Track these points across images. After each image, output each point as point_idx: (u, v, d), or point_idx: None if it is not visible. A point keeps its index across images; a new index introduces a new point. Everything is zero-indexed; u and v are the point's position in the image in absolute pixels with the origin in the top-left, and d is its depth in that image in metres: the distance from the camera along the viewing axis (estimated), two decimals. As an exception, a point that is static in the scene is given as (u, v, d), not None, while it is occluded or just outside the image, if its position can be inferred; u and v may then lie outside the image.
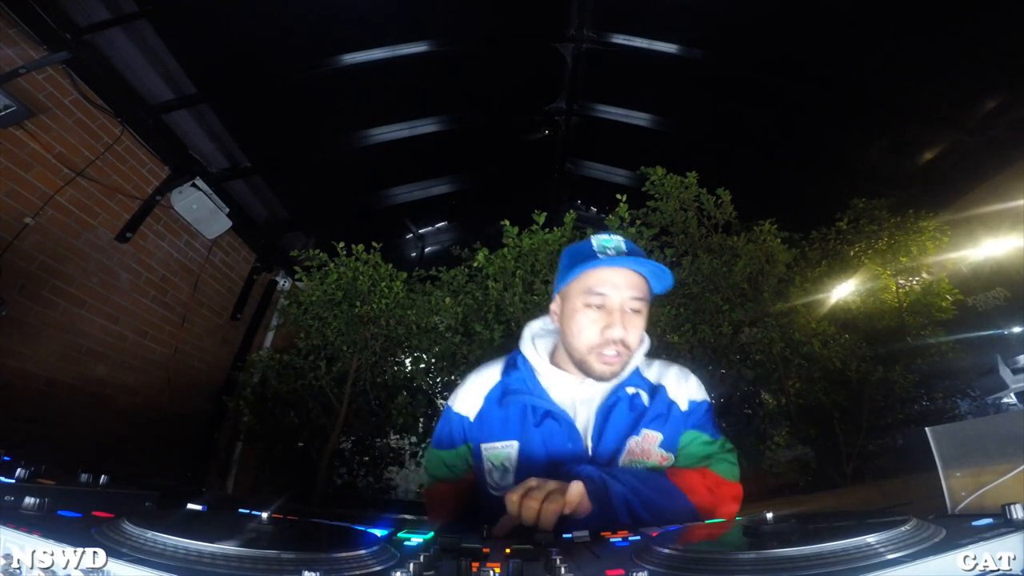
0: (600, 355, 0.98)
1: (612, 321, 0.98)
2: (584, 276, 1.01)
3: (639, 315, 1.01)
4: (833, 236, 3.71)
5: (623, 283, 0.99)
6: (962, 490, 0.86)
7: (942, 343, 3.38)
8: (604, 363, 0.99)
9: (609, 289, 0.99)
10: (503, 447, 1.02)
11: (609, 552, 0.62)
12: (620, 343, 0.98)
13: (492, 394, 1.09)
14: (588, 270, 1.00)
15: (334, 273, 3.44)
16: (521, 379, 1.07)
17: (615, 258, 0.99)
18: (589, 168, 4.60)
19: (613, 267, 0.99)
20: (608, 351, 0.98)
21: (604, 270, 1.00)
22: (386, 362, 3.71)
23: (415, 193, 4.54)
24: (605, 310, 0.99)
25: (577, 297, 1.01)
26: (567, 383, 1.04)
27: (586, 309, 1.00)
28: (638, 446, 0.99)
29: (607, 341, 0.98)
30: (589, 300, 0.99)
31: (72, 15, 2.57)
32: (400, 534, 0.70)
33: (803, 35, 3.15)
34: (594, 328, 0.99)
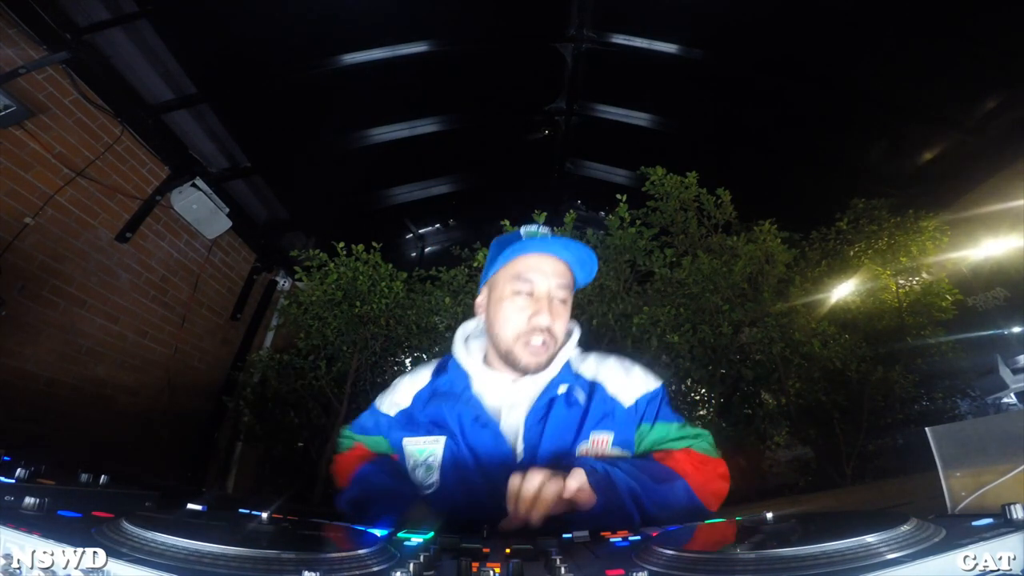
0: (527, 344, 0.96)
1: (540, 308, 0.97)
2: (512, 263, 1.00)
3: (565, 305, 1.00)
4: (833, 236, 3.71)
5: (550, 271, 0.99)
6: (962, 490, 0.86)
7: (942, 343, 3.38)
8: (531, 353, 0.97)
9: (537, 276, 0.98)
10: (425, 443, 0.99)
11: (609, 552, 0.62)
12: (547, 331, 0.97)
13: (420, 395, 1.06)
14: (516, 257, 1.00)
15: (334, 273, 3.44)
16: (449, 381, 1.04)
17: (542, 241, 0.99)
18: (589, 168, 4.60)
19: (541, 253, 0.99)
20: (535, 339, 0.96)
21: (532, 256, 0.99)
22: (386, 362, 3.71)
23: (415, 193, 4.54)
24: (533, 297, 0.98)
25: (505, 284, 1.00)
26: (499, 384, 1.01)
27: (514, 296, 0.98)
28: (591, 452, 0.95)
29: (534, 329, 0.96)
30: (517, 287, 0.98)
31: (72, 15, 2.57)
32: (400, 534, 0.70)
33: (803, 35, 3.15)
34: (521, 316, 0.97)
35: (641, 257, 3.36)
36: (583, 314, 3.35)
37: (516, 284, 0.98)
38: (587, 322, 3.32)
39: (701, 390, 3.54)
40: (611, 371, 1.04)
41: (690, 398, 3.53)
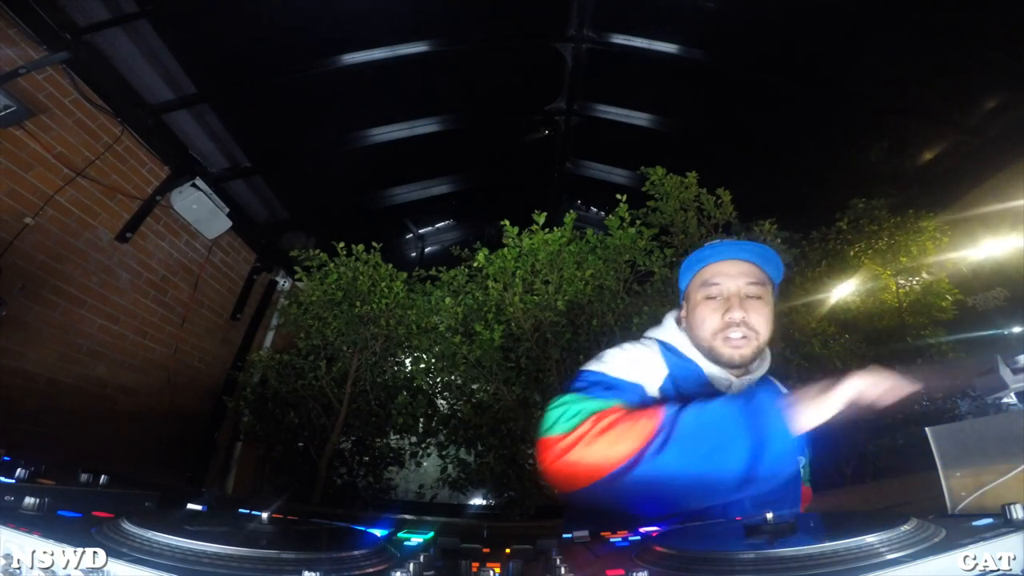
0: (726, 338, 1.01)
1: (731, 305, 1.02)
2: (699, 273, 1.09)
3: (759, 300, 1.04)
4: (833, 236, 3.70)
5: (736, 272, 1.05)
6: (962, 490, 0.86)
7: (942, 343, 3.38)
8: (731, 346, 1.01)
9: (722, 279, 1.05)
10: None
11: (609, 552, 0.62)
12: (743, 324, 1.01)
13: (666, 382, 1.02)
14: (702, 267, 1.08)
15: (334, 273, 3.44)
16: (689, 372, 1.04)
17: (724, 250, 1.07)
18: (589, 168, 4.60)
19: (724, 260, 1.07)
20: (733, 333, 1.01)
21: (716, 264, 1.07)
22: (386, 362, 3.71)
23: (415, 193, 4.54)
24: (722, 298, 1.04)
25: (696, 292, 1.08)
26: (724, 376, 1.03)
27: (706, 301, 1.05)
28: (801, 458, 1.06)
29: (728, 324, 1.01)
30: (707, 292, 1.05)
31: (72, 15, 2.57)
32: (400, 534, 0.70)
33: (803, 35, 3.15)
34: (715, 315, 1.03)
35: (641, 257, 3.36)
36: (583, 314, 3.35)
37: (706, 290, 1.06)
38: (587, 322, 3.33)
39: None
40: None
41: (690, 398, 3.53)
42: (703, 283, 1.07)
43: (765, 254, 1.07)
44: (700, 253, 1.10)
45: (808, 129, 3.73)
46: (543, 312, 3.27)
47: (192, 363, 3.80)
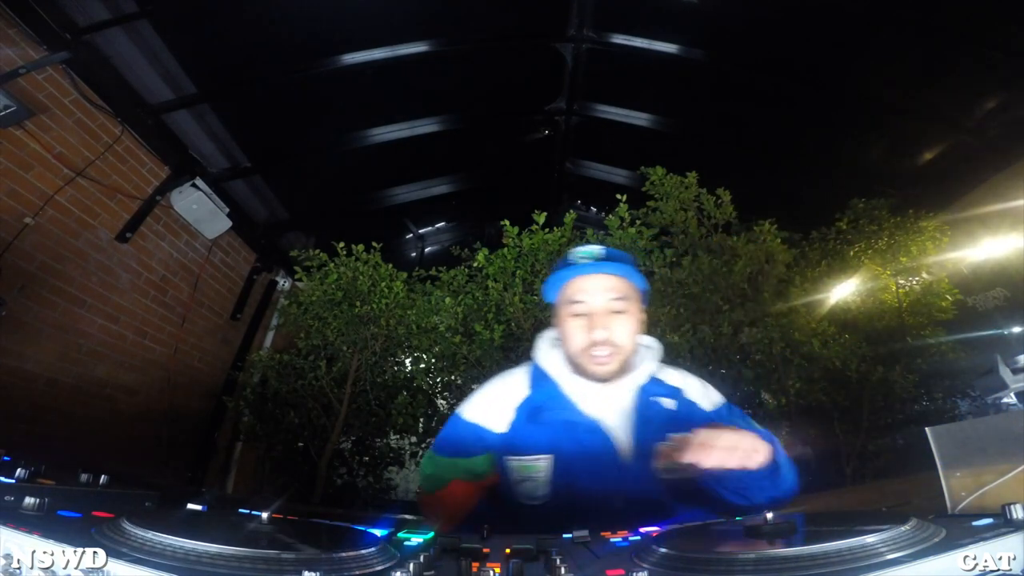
0: (591, 356, 1.03)
1: (594, 324, 1.03)
2: (564, 288, 1.08)
3: (623, 315, 1.05)
4: (833, 236, 3.71)
5: (599, 287, 1.04)
6: (962, 490, 0.86)
7: (942, 343, 3.38)
8: (596, 364, 1.03)
9: (586, 296, 1.04)
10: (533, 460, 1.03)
11: (609, 552, 0.62)
12: (606, 343, 1.02)
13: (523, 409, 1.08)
14: (566, 282, 1.07)
15: (334, 273, 3.44)
16: (550, 395, 1.08)
17: (587, 265, 1.05)
18: (589, 168, 4.60)
19: (587, 274, 1.06)
20: (597, 352, 1.02)
21: (579, 279, 1.06)
22: (386, 362, 3.71)
23: (415, 193, 4.54)
24: (587, 316, 1.04)
25: (562, 308, 1.08)
26: (592, 391, 1.06)
27: (572, 318, 1.05)
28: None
29: (593, 343, 1.02)
30: (571, 309, 1.05)
31: (72, 15, 2.57)
32: (400, 534, 0.70)
33: (803, 35, 3.15)
34: (580, 333, 1.04)
35: (641, 257, 3.36)
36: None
37: (570, 307, 1.06)
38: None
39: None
40: (690, 381, 1.13)
41: (690, 398, 3.53)
42: (568, 300, 1.06)
43: (627, 266, 1.06)
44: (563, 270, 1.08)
45: (808, 129, 3.72)
46: (543, 312, 3.27)
47: (192, 363, 3.80)
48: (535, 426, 1.05)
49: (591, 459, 1.00)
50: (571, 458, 1.01)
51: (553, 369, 1.10)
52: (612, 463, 1.00)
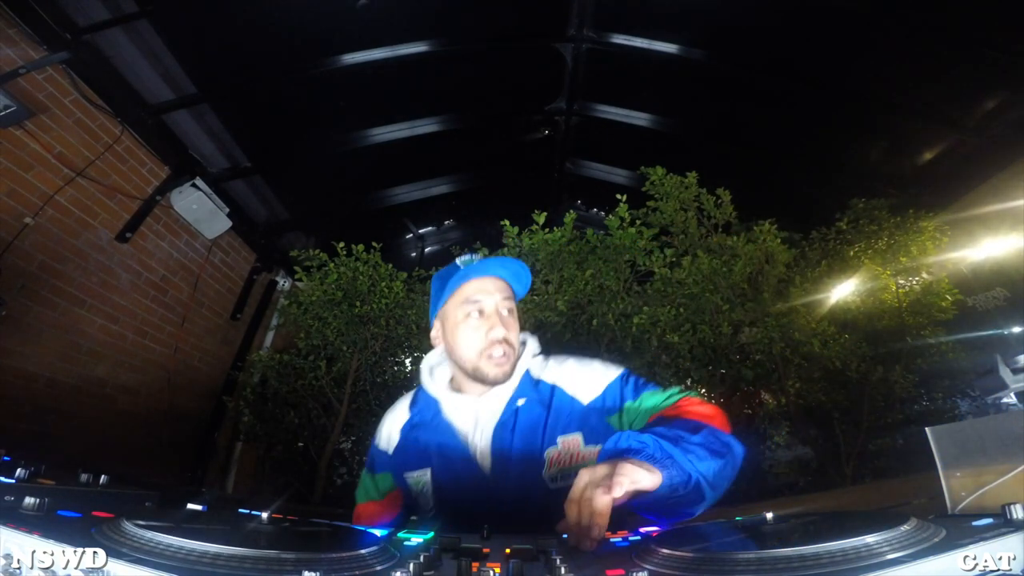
0: (490, 357, 1.04)
1: (493, 323, 1.05)
2: (458, 291, 1.08)
3: (512, 315, 1.09)
4: (833, 236, 3.71)
5: (493, 288, 1.07)
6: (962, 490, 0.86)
7: (942, 343, 3.38)
8: (495, 365, 1.04)
9: (483, 296, 1.06)
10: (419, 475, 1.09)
11: (609, 552, 0.62)
12: (504, 342, 1.04)
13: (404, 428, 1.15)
14: (461, 284, 1.08)
15: (334, 273, 3.44)
16: (422, 412, 1.13)
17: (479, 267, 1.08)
18: (589, 168, 4.60)
19: (481, 276, 1.08)
20: (496, 351, 1.04)
21: (474, 281, 1.08)
22: (386, 362, 3.71)
23: (415, 193, 4.53)
24: (484, 315, 1.06)
25: (456, 310, 1.08)
26: (466, 405, 1.08)
27: (467, 319, 1.06)
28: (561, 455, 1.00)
29: (492, 342, 1.04)
30: (468, 309, 1.06)
31: (72, 15, 2.57)
32: (400, 534, 0.70)
33: (803, 35, 3.15)
34: (478, 334, 1.05)
35: (641, 257, 3.36)
36: (583, 314, 3.35)
37: (467, 307, 1.07)
38: (587, 322, 3.33)
39: (701, 390, 3.54)
40: (569, 373, 1.10)
41: (690, 398, 3.52)
42: (465, 300, 1.07)
43: (518, 272, 1.10)
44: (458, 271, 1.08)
45: (808, 129, 3.73)
46: (543, 312, 3.27)
47: (192, 363, 3.80)
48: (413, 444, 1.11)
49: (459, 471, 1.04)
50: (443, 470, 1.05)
51: (432, 387, 1.13)
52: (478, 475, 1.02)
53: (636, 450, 0.78)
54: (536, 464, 0.99)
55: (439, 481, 1.06)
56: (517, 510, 0.97)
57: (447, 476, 1.05)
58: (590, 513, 0.67)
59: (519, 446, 1.01)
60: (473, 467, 1.03)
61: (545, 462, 0.99)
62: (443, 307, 1.11)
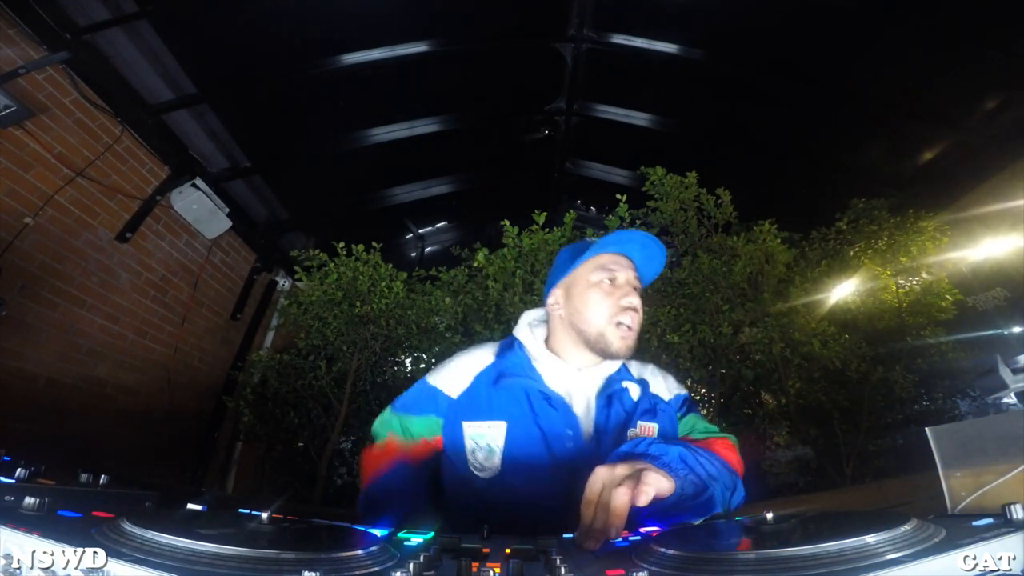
0: (619, 324, 1.02)
1: (626, 291, 1.04)
2: (594, 259, 1.07)
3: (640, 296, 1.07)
4: (833, 236, 3.71)
5: (627, 264, 1.07)
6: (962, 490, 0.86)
7: (942, 343, 3.38)
8: (622, 337, 1.02)
9: (618, 267, 1.06)
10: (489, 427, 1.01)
11: (609, 552, 0.62)
12: (635, 310, 1.03)
13: (484, 375, 1.08)
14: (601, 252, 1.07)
15: (334, 273, 3.43)
16: (518, 363, 1.07)
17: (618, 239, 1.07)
18: (589, 168, 4.60)
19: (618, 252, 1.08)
20: (625, 319, 1.02)
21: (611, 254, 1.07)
22: (386, 362, 3.71)
23: (415, 193, 4.54)
24: (616, 284, 1.05)
25: (588, 276, 1.06)
26: (563, 371, 1.06)
27: (598, 286, 1.04)
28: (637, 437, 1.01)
29: (624, 309, 1.02)
30: (601, 276, 1.05)
31: (72, 15, 2.57)
32: (400, 534, 0.70)
33: (803, 35, 3.15)
34: (609, 300, 1.03)
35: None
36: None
37: (600, 274, 1.05)
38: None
39: (701, 390, 3.54)
40: (651, 374, 1.15)
41: (690, 398, 3.53)
42: (599, 267, 1.05)
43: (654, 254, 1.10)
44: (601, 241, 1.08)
45: (808, 129, 3.73)
46: (543, 312, 3.26)
47: (192, 363, 3.80)
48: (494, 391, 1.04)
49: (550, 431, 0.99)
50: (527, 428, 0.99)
51: (529, 342, 1.10)
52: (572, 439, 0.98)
53: (654, 456, 0.80)
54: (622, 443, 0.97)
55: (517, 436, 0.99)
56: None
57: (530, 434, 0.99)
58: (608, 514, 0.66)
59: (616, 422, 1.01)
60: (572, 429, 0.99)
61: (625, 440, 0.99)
62: (571, 274, 1.09)
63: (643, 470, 0.71)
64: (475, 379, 1.08)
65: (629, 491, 0.67)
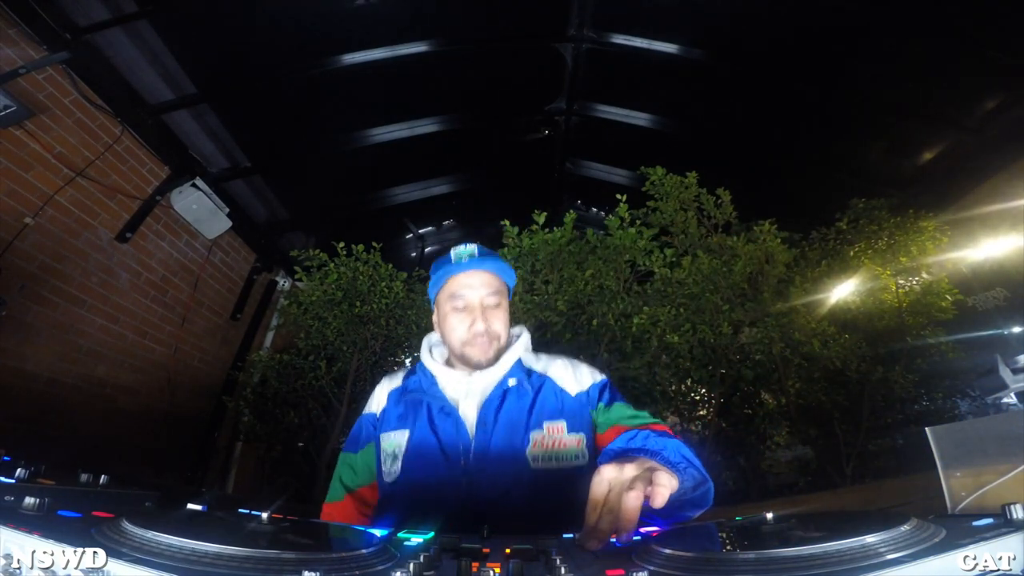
0: (473, 347, 1.13)
1: (474, 317, 1.14)
2: (446, 284, 1.18)
3: (498, 308, 1.17)
4: (833, 236, 3.71)
5: (478, 283, 1.16)
6: (962, 490, 0.86)
7: (942, 343, 3.38)
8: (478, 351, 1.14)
9: (466, 291, 1.15)
10: (395, 435, 1.13)
11: (609, 552, 0.62)
12: (484, 334, 1.13)
13: (393, 393, 1.22)
14: (448, 278, 1.17)
15: (334, 273, 3.44)
16: (418, 381, 1.19)
17: (466, 264, 1.16)
18: (589, 168, 4.60)
19: (466, 271, 1.16)
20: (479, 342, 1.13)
21: (460, 276, 1.16)
22: (386, 362, 3.71)
23: (415, 193, 4.54)
24: (467, 310, 1.15)
25: (444, 303, 1.18)
26: (457, 380, 1.16)
27: (453, 312, 1.16)
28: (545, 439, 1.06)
29: (474, 335, 1.13)
30: (453, 304, 1.16)
31: (72, 15, 2.57)
32: (400, 534, 0.70)
33: (803, 35, 3.15)
34: (462, 327, 1.14)
35: (641, 257, 3.36)
36: (583, 314, 3.35)
37: (453, 301, 1.16)
38: (587, 322, 3.33)
39: (701, 390, 3.54)
40: (559, 368, 1.20)
41: (690, 398, 3.53)
42: (450, 295, 1.16)
43: (500, 264, 1.19)
44: (444, 267, 1.18)
45: (808, 129, 3.73)
46: (543, 312, 3.27)
47: (192, 363, 3.80)
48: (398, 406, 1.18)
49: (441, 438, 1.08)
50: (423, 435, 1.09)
51: (429, 362, 1.21)
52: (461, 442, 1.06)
53: (654, 452, 0.80)
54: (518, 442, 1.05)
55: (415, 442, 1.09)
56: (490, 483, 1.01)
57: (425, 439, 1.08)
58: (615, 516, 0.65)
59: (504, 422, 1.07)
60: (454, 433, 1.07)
61: (529, 442, 1.05)
62: (436, 296, 1.21)
63: (653, 469, 0.69)
64: (388, 397, 1.22)
65: (641, 493, 0.65)
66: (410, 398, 1.16)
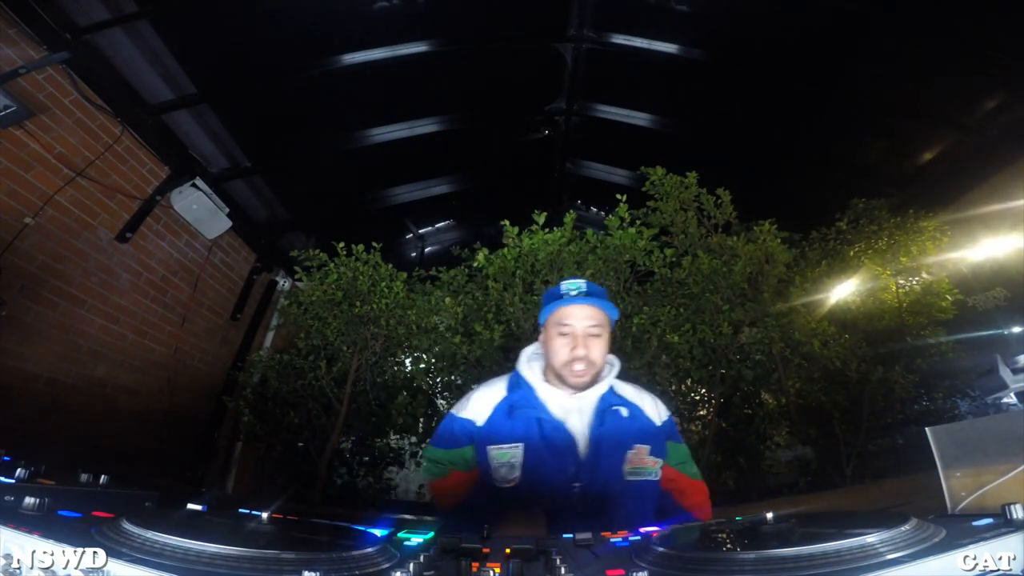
0: (571, 369, 1.30)
1: (576, 344, 1.31)
2: (555, 313, 1.35)
3: (599, 338, 1.33)
4: (833, 236, 3.70)
5: (582, 315, 1.32)
6: (962, 490, 0.86)
7: (942, 343, 3.38)
8: (575, 375, 1.30)
9: (572, 321, 1.32)
10: (510, 448, 1.28)
11: (609, 552, 0.62)
12: (584, 359, 1.30)
13: (500, 407, 1.35)
14: (558, 308, 1.34)
15: (334, 273, 3.43)
16: (524, 396, 1.35)
17: (575, 298, 1.33)
18: (589, 168, 4.60)
19: (574, 304, 1.33)
20: (576, 366, 1.30)
21: (568, 307, 1.33)
22: (386, 362, 3.71)
23: (415, 193, 4.54)
24: (570, 336, 1.32)
25: (551, 328, 1.35)
26: (560, 398, 1.33)
27: (558, 337, 1.33)
28: (634, 457, 1.28)
29: (574, 359, 1.30)
30: (559, 330, 1.33)
31: (72, 15, 2.57)
32: (400, 534, 0.70)
33: (803, 35, 3.15)
34: (564, 350, 1.31)
35: (641, 257, 3.36)
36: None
37: (558, 327, 1.34)
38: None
39: (701, 390, 3.54)
40: (643, 398, 1.42)
41: (690, 398, 3.53)
42: (556, 322, 1.34)
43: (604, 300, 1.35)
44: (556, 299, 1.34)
45: (808, 129, 3.72)
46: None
47: (192, 363, 3.80)
48: (510, 420, 1.32)
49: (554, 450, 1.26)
50: (538, 448, 1.27)
51: (530, 376, 1.38)
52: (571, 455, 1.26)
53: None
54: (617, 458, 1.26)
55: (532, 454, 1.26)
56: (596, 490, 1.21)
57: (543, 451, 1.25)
58: None
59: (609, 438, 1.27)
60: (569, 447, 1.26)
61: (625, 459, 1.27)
62: (545, 321, 1.38)
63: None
64: (494, 410, 1.35)
65: None
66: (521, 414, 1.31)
